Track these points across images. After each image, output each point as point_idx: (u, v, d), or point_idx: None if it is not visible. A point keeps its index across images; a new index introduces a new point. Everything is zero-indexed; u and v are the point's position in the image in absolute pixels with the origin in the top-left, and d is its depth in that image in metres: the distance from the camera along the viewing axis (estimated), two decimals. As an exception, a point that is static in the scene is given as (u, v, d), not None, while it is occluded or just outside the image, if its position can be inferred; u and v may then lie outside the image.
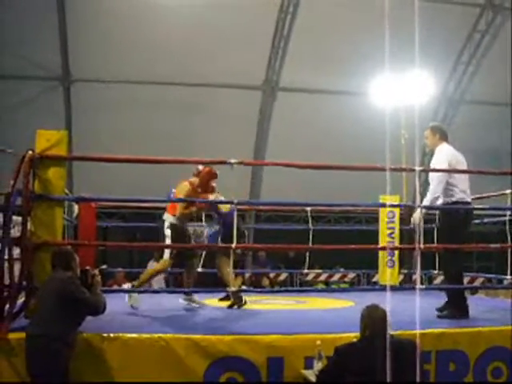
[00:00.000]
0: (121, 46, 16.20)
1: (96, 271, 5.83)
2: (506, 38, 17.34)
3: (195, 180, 8.38)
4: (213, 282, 11.27)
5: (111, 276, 14.28)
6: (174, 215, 8.34)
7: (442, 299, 7.59)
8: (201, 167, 8.45)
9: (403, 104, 12.92)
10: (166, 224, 8.40)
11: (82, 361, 5.46)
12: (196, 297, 8.57)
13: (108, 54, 16.26)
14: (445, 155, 7.71)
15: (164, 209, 8.73)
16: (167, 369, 5.57)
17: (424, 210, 7.66)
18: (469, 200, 7.79)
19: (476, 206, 8.72)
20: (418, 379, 4.25)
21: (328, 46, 16.69)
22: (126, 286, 8.46)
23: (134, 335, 5.69)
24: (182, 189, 8.32)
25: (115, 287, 13.46)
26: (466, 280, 15.74)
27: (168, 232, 8.37)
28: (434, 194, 7.57)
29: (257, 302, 8.97)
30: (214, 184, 8.60)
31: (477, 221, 12.29)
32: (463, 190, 7.69)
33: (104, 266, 5.65)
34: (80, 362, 5.42)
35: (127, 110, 16.99)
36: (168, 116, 17.10)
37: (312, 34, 16.55)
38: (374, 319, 4.97)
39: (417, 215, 7.50)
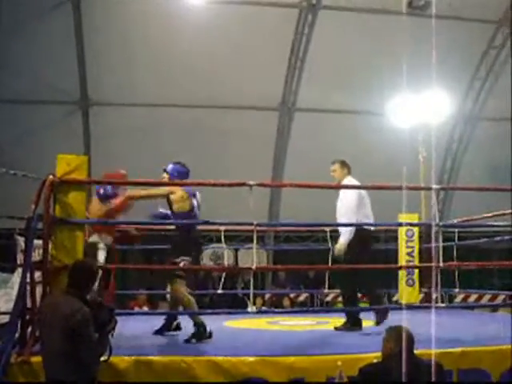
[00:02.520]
0: (139, 69, 16.33)
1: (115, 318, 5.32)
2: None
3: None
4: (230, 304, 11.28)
5: (132, 298, 14.32)
6: None
7: (462, 317, 7.58)
8: None
9: (420, 123, 12.95)
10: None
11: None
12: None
13: (126, 78, 16.37)
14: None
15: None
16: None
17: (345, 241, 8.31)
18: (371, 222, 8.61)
19: (495, 223, 8.73)
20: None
21: (344, 66, 16.74)
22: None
23: (155, 358, 5.71)
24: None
25: (136, 309, 13.56)
26: (487, 297, 15.75)
27: None
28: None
29: (277, 323, 8.97)
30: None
31: (497, 238, 12.27)
32: (367, 215, 8.56)
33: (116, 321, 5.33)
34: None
35: (145, 133, 17.07)
36: (186, 138, 17.15)
37: (328, 54, 16.62)
38: (398, 339, 4.95)
39: (340, 246, 8.32)
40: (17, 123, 16.23)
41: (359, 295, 9.51)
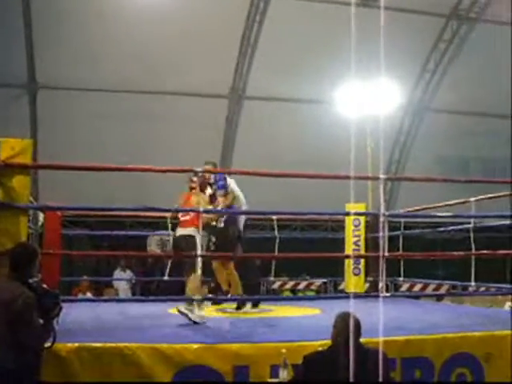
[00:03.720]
0: (87, 53, 16.15)
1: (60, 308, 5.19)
2: (471, 48, 17.59)
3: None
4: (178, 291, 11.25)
5: (76, 284, 14.18)
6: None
7: (407, 306, 7.64)
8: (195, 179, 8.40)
9: (369, 112, 13.02)
10: (198, 237, 7.98)
11: (46, 371, 5.38)
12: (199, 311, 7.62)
13: (75, 63, 16.18)
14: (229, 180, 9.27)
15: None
16: (133, 378, 5.53)
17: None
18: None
19: (439, 214, 8.82)
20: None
21: (294, 54, 16.77)
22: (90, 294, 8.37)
23: (99, 345, 5.64)
24: (198, 201, 8.22)
25: (80, 295, 13.44)
26: (432, 287, 15.96)
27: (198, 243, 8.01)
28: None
29: (223, 311, 8.96)
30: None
31: (441, 228, 12.45)
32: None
33: (61, 307, 5.20)
34: (43, 373, 5.34)
35: (93, 119, 16.90)
36: (134, 125, 17.05)
37: (278, 42, 16.64)
38: (344, 327, 4.96)
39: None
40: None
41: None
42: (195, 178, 8.38)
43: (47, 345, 5.10)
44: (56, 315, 5.12)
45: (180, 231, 8.23)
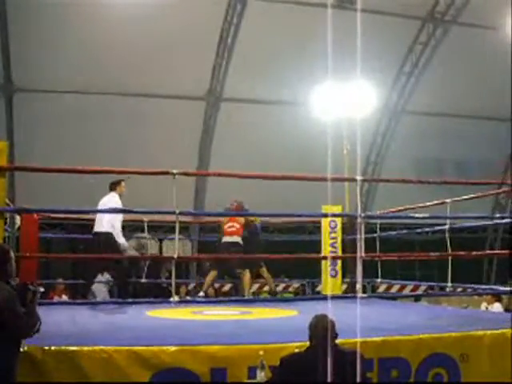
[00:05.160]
0: (66, 56, 16.06)
1: (40, 290, 5.33)
2: (447, 50, 17.71)
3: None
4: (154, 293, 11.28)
5: (52, 288, 14.09)
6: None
7: (384, 307, 7.66)
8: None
9: (346, 114, 13.06)
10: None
11: (22, 375, 5.34)
12: None
13: (53, 65, 16.10)
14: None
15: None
16: (110, 381, 5.50)
17: None
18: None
19: (416, 215, 8.88)
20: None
21: (271, 56, 16.81)
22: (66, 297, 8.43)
23: (75, 348, 5.61)
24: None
25: (56, 299, 13.35)
26: (409, 288, 16.03)
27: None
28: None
29: (201, 313, 8.95)
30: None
31: (418, 230, 12.51)
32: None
33: (41, 290, 5.27)
34: (19, 376, 5.30)
35: (70, 121, 16.83)
36: (110, 126, 17.00)
37: (256, 45, 16.65)
38: (321, 329, 4.98)
39: None
40: None
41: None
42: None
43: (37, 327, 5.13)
44: (35, 301, 5.14)
45: (226, 239, 10.83)
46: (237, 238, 10.86)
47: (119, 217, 9.37)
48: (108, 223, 9.35)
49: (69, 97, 16.78)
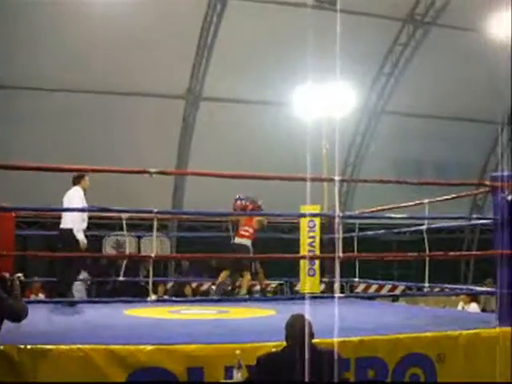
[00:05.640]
0: (47, 54, 15.94)
1: (18, 275, 5.45)
2: (427, 52, 17.79)
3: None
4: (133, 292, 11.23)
5: (28, 286, 14.00)
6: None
7: (362, 307, 7.69)
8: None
9: (325, 115, 13.08)
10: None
11: (-3, 373, 5.32)
12: None
13: (33, 63, 15.96)
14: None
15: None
16: (86, 380, 5.48)
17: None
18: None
19: (394, 216, 8.93)
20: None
21: (252, 56, 16.80)
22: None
23: (51, 346, 5.58)
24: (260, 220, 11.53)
25: (32, 297, 13.27)
26: (387, 288, 16.11)
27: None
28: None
29: (178, 312, 8.93)
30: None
31: (396, 230, 12.57)
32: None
33: (20, 275, 5.32)
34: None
35: (50, 119, 16.71)
36: (88, 125, 16.91)
37: (236, 44, 16.64)
38: (297, 328, 4.98)
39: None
40: None
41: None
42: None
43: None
44: (17, 287, 5.23)
45: (237, 240, 11.32)
46: (246, 241, 11.24)
47: (80, 213, 9.34)
48: (69, 219, 9.33)
49: (56, 95, 16.64)
